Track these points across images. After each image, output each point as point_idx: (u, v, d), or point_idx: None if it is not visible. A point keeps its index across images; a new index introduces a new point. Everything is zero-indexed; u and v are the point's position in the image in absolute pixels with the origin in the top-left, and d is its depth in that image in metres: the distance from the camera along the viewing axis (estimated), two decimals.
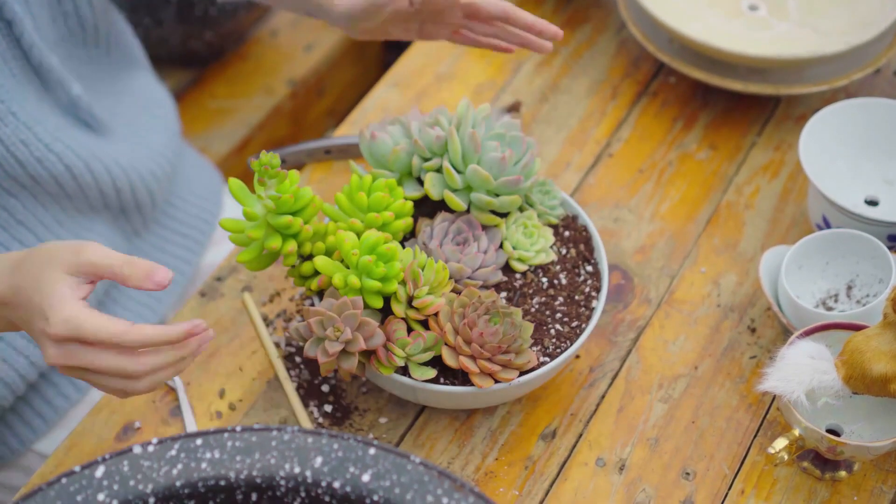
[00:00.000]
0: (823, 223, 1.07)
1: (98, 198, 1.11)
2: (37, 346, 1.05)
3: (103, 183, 1.10)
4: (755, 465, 0.97)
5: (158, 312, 1.18)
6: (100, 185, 1.09)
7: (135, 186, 1.13)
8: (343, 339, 0.89)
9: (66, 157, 1.05)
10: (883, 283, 1.00)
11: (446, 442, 0.98)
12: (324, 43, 1.75)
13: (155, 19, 1.58)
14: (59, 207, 1.09)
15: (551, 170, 1.17)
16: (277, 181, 0.90)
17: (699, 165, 1.18)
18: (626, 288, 1.08)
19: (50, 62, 1.04)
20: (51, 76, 1.06)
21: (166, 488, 0.71)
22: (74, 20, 1.08)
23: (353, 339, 0.89)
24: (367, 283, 0.90)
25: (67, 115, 1.09)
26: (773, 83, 1.18)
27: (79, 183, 1.07)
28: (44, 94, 1.06)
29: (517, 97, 1.23)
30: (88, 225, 1.11)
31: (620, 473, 0.96)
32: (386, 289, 0.91)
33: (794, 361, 0.91)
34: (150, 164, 1.16)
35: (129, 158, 1.13)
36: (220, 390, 1.01)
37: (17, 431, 1.10)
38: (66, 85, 1.07)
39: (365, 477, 0.72)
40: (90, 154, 1.08)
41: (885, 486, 0.95)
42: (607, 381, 1.02)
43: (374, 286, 0.90)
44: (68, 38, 1.09)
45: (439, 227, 0.98)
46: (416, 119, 1.01)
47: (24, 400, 1.10)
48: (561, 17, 1.31)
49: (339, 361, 0.90)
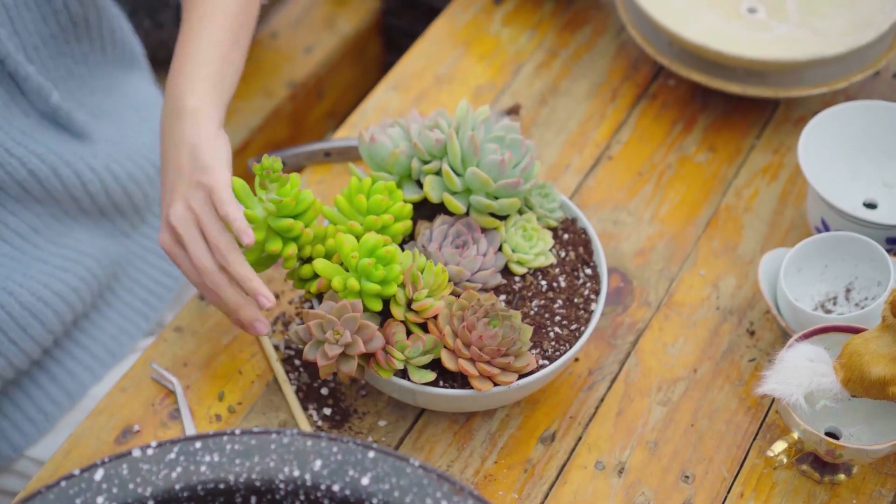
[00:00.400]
0: (822, 226, 1.07)
1: (71, 202, 1.09)
2: (14, 343, 1.05)
3: (72, 187, 1.08)
4: (754, 468, 0.97)
5: (151, 319, 1.18)
6: (69, 189, 1.08)
7: (109, 189, 1.12)
8: (342, 342, 0.89)
9: (29, 162, 1.04)
10: (881, 286, 1.00)
11: (445, 445, 0.98)
12: (323, 45, 1.75)
13: (155, 21, 1.58)
14: (32, 214, 1.07)
15: (551, 172, 1.17)
16: (279, 185, 0.91)
17: (698, 168, 1.18)
18: (625, 291, 1.08)
19: (26, 71, 1.04)
20: (27, 84, 1.05)
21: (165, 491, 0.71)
22: (65, 17, 1.08)
23: (353, 343, 0.89)
24: (367, 286, 0.90)
25: (41, 119, 1.08)
26: (773, 86, 1.18)
27: (45, 188, 1.06)
28: (12, 100, 1.05)
29: (516, 100, 1.23)
30: (66, 231, 1.10)
31: (619, 476, 0.96)
32: (385, 292, 0.91)
33: (793, 364, 0.91)
34: (130, 167, 1.15)
35: (104, 161, 1.11)
36: (220, 393, 1.01)
37: (9, 436, 1.10)
38: (44, 93, 1.06)
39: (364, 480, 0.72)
40: (57, 158, 1.07)
41: (885, 490, 0.95)
42: (606, 383, 1.02)
43: (374, 289, 0.90)
44: (59, 36, 1.08)
45: (438, 229, 0.98)
46: (416, 121, 1.01)
47: (16, 404, 1.10)
48: (560, 19, 1.31)
49: (339, 364, 0.90)
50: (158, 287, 1.19)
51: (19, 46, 1.04)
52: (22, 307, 1.05)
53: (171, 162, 0.95)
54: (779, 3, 1.25)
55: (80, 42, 1.12)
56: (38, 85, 1.05)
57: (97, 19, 1.13)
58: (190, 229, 0.92)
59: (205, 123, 0.95)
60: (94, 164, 1.11)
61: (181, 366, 1.03)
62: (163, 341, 1.04)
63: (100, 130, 1.14)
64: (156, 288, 1.19)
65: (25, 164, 1.04)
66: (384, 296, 0.91)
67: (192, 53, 0.99)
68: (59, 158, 1.07)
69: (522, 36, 1.30)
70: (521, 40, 1.29)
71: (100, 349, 1.13)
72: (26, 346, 1.07)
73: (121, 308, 1.16)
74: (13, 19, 1.03)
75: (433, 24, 1.32)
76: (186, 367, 1.03)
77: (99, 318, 1.14)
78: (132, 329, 1.16)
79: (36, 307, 1.06)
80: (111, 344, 1.14)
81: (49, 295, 1.07)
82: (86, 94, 1.14)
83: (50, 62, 1.08)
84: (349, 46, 1.78)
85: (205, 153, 0.93)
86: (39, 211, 1.08)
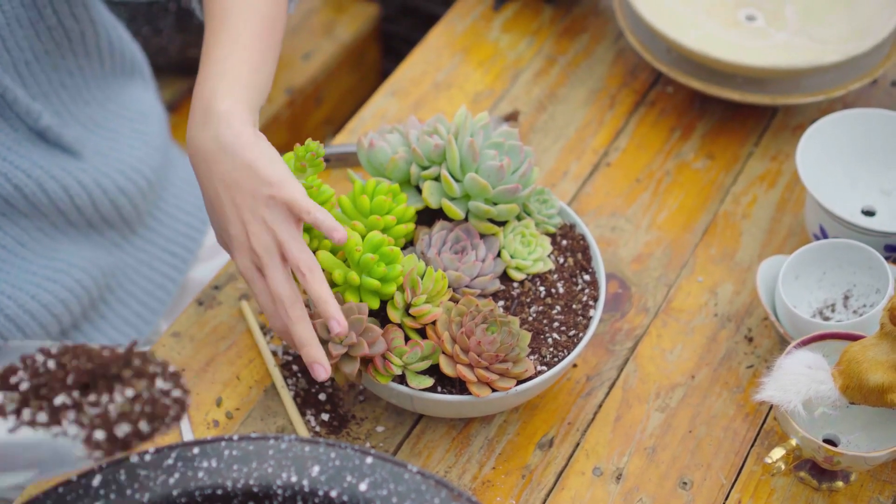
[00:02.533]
0: (820, 233, 1.07)
1: (58, 215, 1.09)
2: None
3: (59, 200, 1.07)
4: (752, 475, 0.97)
5: (146, 331, 1.18)
6: (55, 203, 1.07)
7: (97, 202, 1.11)
8: (347, 342, 0.89)
9: (14, 177, 1.04)
10: (880, 294, 1.00)
11: (443, 451, 0.98)
12: (322, 51, 1.75)
13: (154, 28, 1.58)
14: (19, 228, 1.07)
15: (549, 178, 1.17)
16: (315, 170, 0.92)
17: (696, 175, 1.18)
18: (623, 297, 1.08)
19: (14, 94, 1.03)
20: (16, 107, 1.04)
21: (163, 497, 0.71)
22: (60, 33, 1.07)
23: (357, 344, 0.89)
24: (366, 282, 0.90)
25: (29, 134, 1.07)
26: (771, 93, 1.18)
27: (31, 202, 1.06)
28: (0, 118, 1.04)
29: (515, 106, 1.23)
30: (53, 244, 1.09)
31: (617, 482, 0.96)
32: (384, 290, 0.91)
33: (791, 371, 0.91)
34: (120, 180, 1.14)
35: (93, 175, 1.10)
36: (218, 399, 1.01)
37: None
38: (33, 115, 1.05)
39: (362, 486, 0.71)
40: (44, 172, 1.06)
41: (882, 497, 0.95)
42: (604, 389, 1.02)
43: (373, 285, 0.90)
44: (54, 51, 1.07)
45: (437, 235, 0.98)
46: (415, 127, 1.01)
47: None
48: (559, 26, 1.31)
49: (341, 365, 0.90)
50: (152, 299, 1.19)
51: (9, 64, 1.03)
52: (7, 319, 1.05)
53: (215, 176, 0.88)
54: (777, 10, 1.25)
55: (75, 56, 1.11)
56: (27, 108, 1.04)
57: (93, 34, 1.12)
58: (272, 256, 0.86)
59: (239, 127, 0.88)
60: (83, 178, 1.09)
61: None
62: (160, 347, 1.04)
63: (91, 143, 1.13)
64: (150, 300, 1.19)
65: (10, 179, 1.04)
66: (383, 294, 0.91)
67: (220, 59, 0.92)
68: (46, 173, 1.06)
69: (521, 42, 1.30)
70: (520, 47, 1.30)
71: None
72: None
73: (114, 320, 1.16)
74: (4, 38, 1.02)
75: (432, 30, 1.32)
76: (184, 372, 1.03)
77: (92, 331, 1.14)
78: (126, 341, 1.16)
79: (22, 319, 1.06)
80: None
81: (36, 307, 1.06)
82: (79, 106, 1.13)
83: (42, 76, 1.07)
84: (348, 53, 1.78)
85: (265, 166, 0.87)
86: (26, 225, 1.07)
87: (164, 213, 1.23)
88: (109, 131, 1.16)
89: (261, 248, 0.86)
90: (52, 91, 1.09)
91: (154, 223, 1.21)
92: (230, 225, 0.88)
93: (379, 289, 0.91)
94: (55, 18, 1.05)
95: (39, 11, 1.03)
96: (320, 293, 0.86)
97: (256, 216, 0.87)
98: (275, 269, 0.86)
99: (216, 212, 0.89)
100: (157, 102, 1.25)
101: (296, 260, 0.86)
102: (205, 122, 0.89)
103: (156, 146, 1.20)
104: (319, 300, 0.86)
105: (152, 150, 1.19)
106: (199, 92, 0.90)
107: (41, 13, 1.04)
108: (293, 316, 0.86)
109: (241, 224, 0.87)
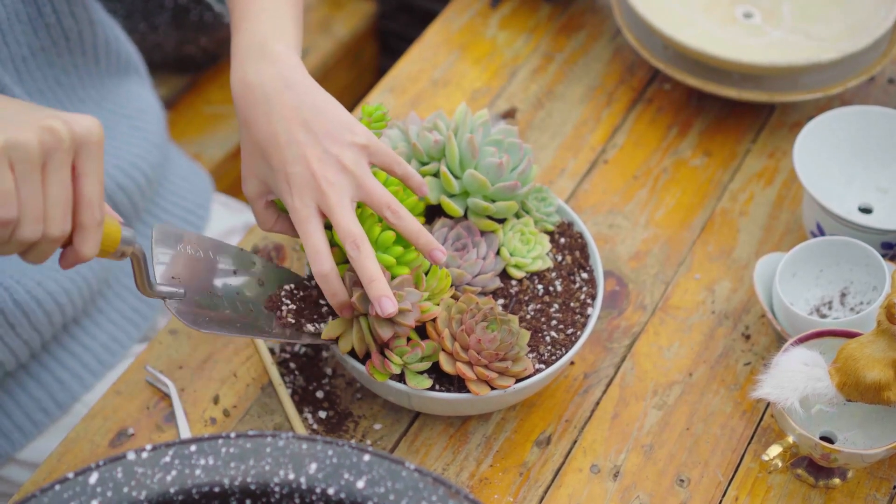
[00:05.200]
0: (817, 230, 1.07)
1: None
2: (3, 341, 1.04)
3: None
4: (749, 472, 0.97)
5: (142, 327, 1.18)
6: None
7: None
8: (404, 304, 0.88)
9: None
10: (877, 291, 1.00)
11: (441, 448, 0.98)
12: (319, 48, 1.75)
13: (150, 25, 1.58)
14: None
15: (546, 176, 1.17)
16: (378, 128, 0.95)
17: (694, 172, 1.18)
18: (620, 294, 1.08)
19: (11, 91, 1.03)
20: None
21: (160, 495, 0.71)
22: (58, 31, 1.07)
23: (410, 311, 0.89)
24: (382, 258, 0.90)
25: None
26: (768, 90, 1.18)
27: None
28: None
29: (512, 103, 1.23)
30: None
31: (615, 480, 0.96)
32: (395, 271, 0.91)
33: (788, 368, 0.91)
34: (119, 176, 1.14)
35: None
36: (215, 396, 1.01)
37: None
38: None
39: (359, 483, 0.71)
40: None
41: (879, 494, 0.95)
42: (602, 387, 1.02)
43: (388, 261, 0.90)
44: (51, 48, 1.08)
45: (438, 232, 0.98)
46: (415, 123, 1.01)
47: (3, 410, 1.10)
48: (556, 23, 1.31)
49: (378, 326, 0.89)
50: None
51: (7, 59, 1.03)
52: (15, 304, 1.05)
53: (275, 112, 0.86)
54: (774, 8, 1.25)
55: (71, 54, 1.11)
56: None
57: (91, 34, 1.12)
58: (344, 195, 0.86)
59: (301, 69, 0.86)
60: None
61: (176, 369, 1.03)
62: (158, 344, 1.04)
63: None
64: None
65: None
66: (394, 274, 0.92)
67: (263, 10, 0.90)
68: None
69: (518, 40, 1.30)
70: (517, 44, 1.30)
71: (90, 358, 1.13)
72: (14, 344, 1.06)
73: (112, 315, 1.16)
74: (4, 32, 1.02)
75: (429, 27, 1.32)
76: (181, 370, 1.03)
77: (90, 325, 1.14)
78: (123, 338, 1.16)
79: (29, 305, 1.06)
80: (102, 352, 1.14)
81: (42, 294, 1.07)
82: (75, 104, 1.13)
83: (38, 73, 1.07)
84: (345, 50, 1.78)
85: (343, 111, 0.87)
86: None
87: (162, 209, 1.23)
88: (107, 129, 1.16)
89: (331, 189, 0.85)
90: (48, 88, 1.09)
91: (151, 220, 1.21)
92: (289, 164, 0.86)
93: (392, 265, 0.91)
94: (54, 17, 1.05)
95: (39, 8, 1.04)
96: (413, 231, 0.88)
97: (330, 156, 0.85)
98: (346, 209, 0.86)
99: (271, 150, 0.87)
100: (154, 99, 1.25)
101: (382, 199, 0.87)
102: (261, 59, 0.87)
103: (154, 143, 1.20)
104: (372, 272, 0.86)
105: (151, 147, 1.19)
106: (247, 33, 0.88)
107: (40, 10, 1.04)
108: (364, 251, 0.86)
109: (304, 162, 0.86)
